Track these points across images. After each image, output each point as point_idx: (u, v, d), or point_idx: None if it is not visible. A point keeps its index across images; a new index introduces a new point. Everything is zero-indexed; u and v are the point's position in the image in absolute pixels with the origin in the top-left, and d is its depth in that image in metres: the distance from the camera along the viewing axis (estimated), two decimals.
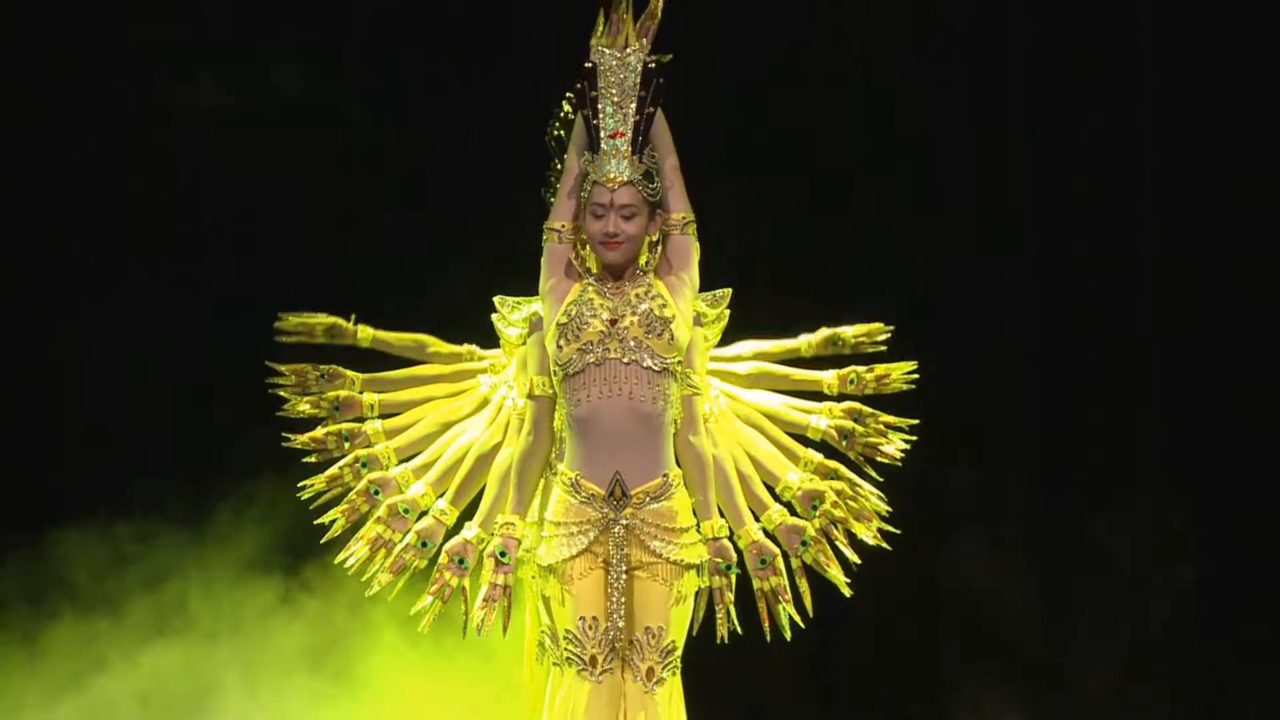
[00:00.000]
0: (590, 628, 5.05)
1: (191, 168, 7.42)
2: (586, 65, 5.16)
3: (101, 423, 7.29)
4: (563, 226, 5.19)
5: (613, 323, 5.10)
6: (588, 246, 5.21)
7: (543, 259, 5.22)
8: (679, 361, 5.12)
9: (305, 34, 7.40)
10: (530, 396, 5.23)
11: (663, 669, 5.07)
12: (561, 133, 5.31)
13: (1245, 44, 7.45)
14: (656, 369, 5.10)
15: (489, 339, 5.65)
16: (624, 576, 5.08)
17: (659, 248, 5.21)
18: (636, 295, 5.14)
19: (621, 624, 5.06)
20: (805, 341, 5.60)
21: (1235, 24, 7.45)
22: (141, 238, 7.41)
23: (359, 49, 7.44)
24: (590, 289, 5.16)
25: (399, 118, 7.41)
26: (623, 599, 5.06)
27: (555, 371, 5.15)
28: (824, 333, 5.60)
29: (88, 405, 7.30)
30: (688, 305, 5.16)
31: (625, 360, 5.08)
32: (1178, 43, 7.48)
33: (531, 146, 5.48)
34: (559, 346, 5.11)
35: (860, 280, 5.85)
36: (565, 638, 5.07)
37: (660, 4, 5.14)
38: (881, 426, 5.55)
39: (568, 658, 5.07)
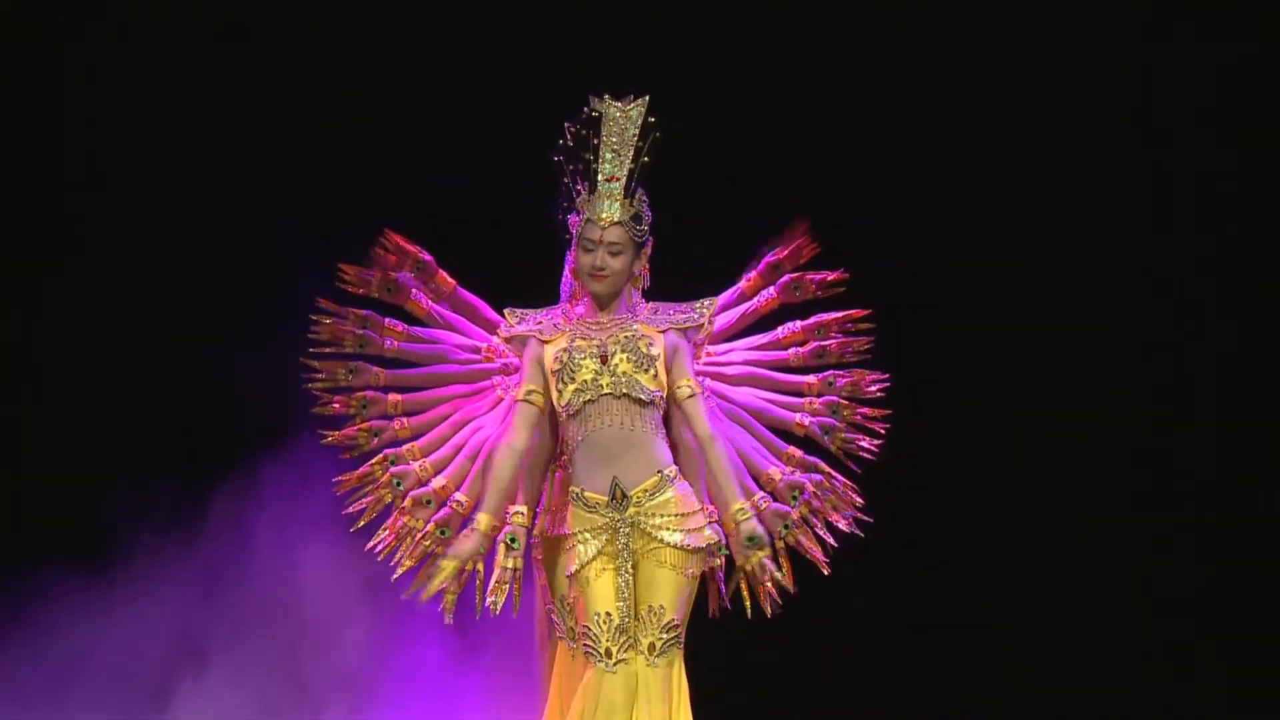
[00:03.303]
0: (604, 622, 5.41)
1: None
2: (593, 114, 5.52)
3: None
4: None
5: (603, 360, 5.49)
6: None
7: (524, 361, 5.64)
8: (663, 397, 5.50)
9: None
10: (518, 400, 5.60)
11: (664, 644, 5.42)
12: (560, 158, 5.60)
13: None
14: (645, 400, 5.48)
15: None
16: (630, 569, 5.43)
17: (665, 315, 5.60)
18: (627, 336, 5.51)
19: (627, 611, 5.39)
20: (794, 354, 5.89)
21: None
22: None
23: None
24: (576, 336, 5.53)
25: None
26: (629, 590, 5.41)
27: (559, 412, 5.52)
28: (811, 345, 5.89)
29: None
30: (671, 358, 5.53)
31: (617, 395, 5.46)
32: None
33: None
34: (558, 390, 5.50)
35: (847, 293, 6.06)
36: (584, 634, 5.42)
37: None
38: (857, 418, 5.86)
39: (587, 651, 5.41)
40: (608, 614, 5.41)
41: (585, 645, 5.42)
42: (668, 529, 5.47)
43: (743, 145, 7.37)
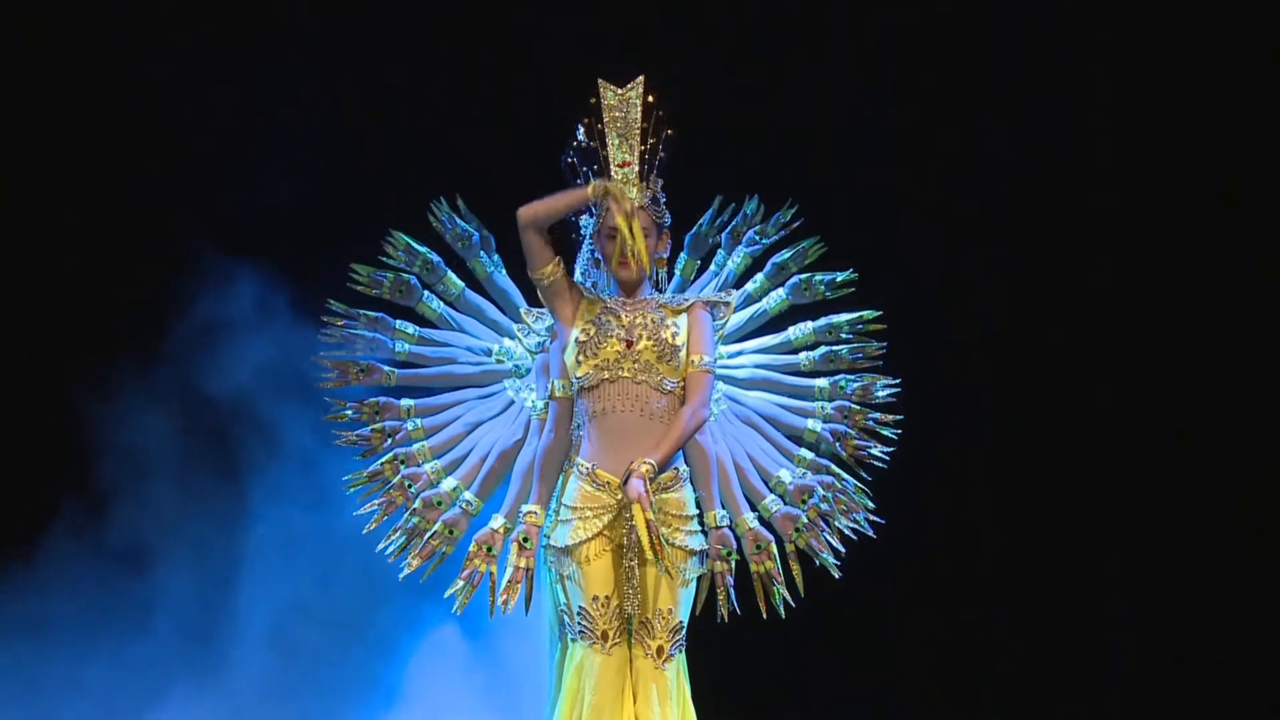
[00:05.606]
0: (603, 606, 5.41)
1: None
2: (591, 101, 5.51)
3: None
4: (549, 270, 5.53)
5: (628, 344, 5.46)
6: (600, 269, 5.61)
7: (546, 299, 5.56)
8: (683, 386, 5.48)
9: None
10: (552, 399, 5.61)
11: (671, 646, 5.43)
12: (574, 160, 5.60)
13: None
14: (666, 390, 5.46)
15: None
16: (635, 559, 5.40)
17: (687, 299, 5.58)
18: (654, 320, 5.48)
19: (635, 601, 5.38)
20: (806, 358, 5.89)
21: None
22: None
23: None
24: (608, 310, 5.50)
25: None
26: (634, 578, 5.40)
27: (573, 382, 5.51)
28: (822, 351, 5.88)
29: None
30: (693, 330, 5.51)
31: (637, 380, 5.43)
32: None
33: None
34: (577, 361, 5.46)
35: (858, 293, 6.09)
36: (579, 614, 5.41)
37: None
38: (868, 423, 5.85)
39: (581, 632, 5.40)
40: (606, 597, 5.40)
41: (581, 625, 5.41)
42: (668, 525, 5.46)
43: (750, 144, 7.36)
